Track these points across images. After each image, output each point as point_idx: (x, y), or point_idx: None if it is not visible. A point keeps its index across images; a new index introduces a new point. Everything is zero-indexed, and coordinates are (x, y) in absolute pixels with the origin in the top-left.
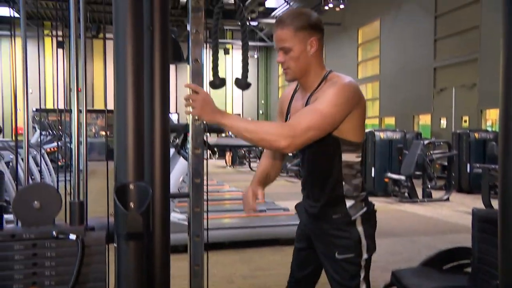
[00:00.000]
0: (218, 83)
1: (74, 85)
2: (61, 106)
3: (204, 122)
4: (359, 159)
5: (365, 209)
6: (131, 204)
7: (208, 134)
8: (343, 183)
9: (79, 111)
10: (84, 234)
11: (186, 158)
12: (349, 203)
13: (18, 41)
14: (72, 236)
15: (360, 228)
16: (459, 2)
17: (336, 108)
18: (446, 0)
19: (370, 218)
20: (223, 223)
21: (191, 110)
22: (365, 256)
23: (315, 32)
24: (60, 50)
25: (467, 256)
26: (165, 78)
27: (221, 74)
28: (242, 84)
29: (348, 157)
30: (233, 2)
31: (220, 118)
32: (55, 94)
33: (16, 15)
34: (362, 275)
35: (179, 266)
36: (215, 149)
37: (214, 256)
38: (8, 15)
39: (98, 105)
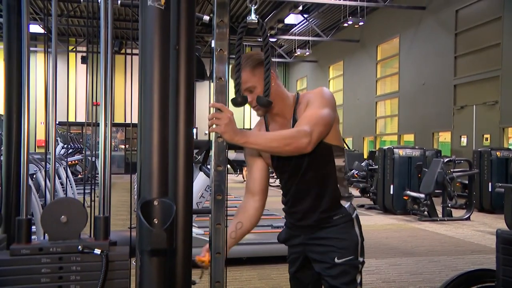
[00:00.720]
0: (240, 100)
1: (102, 99)
2: (82, 119)
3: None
4: (344, 163)
5: (356, 211)
6: (155, 221)
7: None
8: (338, 185)
9: (96, 125)
10: (108, 249)
11: (207, 175)
12: (345, 204)
13: (40, 56)
14: (97, 251)
15: (357, 230)
16: (480, 19)
17: (327, 106)
18: (467, 17)
19: (360, 222)
20: (242, 239)
21: (215, 127)
22: (361, 259)
23: (267, 65)
24: (82, 65)
25: (491, 279)
26: (190, 97)
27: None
28: (264, 102)
29: (338, 161)
30: (256, 21)
31: (242, 138)
32: (77, 108)
33: (39, 30)
34: (359, 279)
35: (198, 281)
36: (235, 165)
37: (231, 272)
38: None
39: (118, 118)
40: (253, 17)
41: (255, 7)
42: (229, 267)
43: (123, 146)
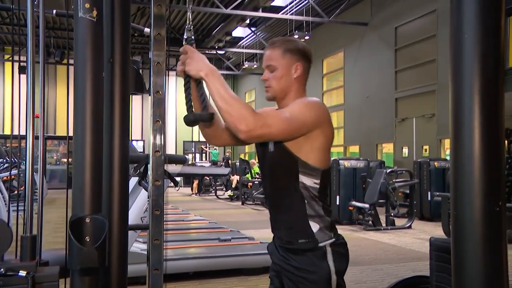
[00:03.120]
0: (192, 118)
1: (30, 110)
2: (22, 132)
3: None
4: (317, 186)
5: (333, 239)
6: (87, 238)
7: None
8: (306, 202)
9: (36, 138)
10: (36, 270)
11: (146, 189)
12: (314, 227)
13: None
14: (22, 273)
15: (331, 263)
16: (417, 36)
17: (303, 114)
18: (405, 34)
19: (341, 252)
20: (188, 253)
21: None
22: None
23: (302, 59)
24: (21, 75)
25: (426, 285)
26: (125, 109)
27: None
28: (202, 117)
29: (306, 180)
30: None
31: (205, 72)
32: (14, 120)
33: None
34: None
35: None
36: (178, 179)
37: (178, 287)
38: None
39: (61, 131)
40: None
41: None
42: (175, 282)
43: (65, 160)
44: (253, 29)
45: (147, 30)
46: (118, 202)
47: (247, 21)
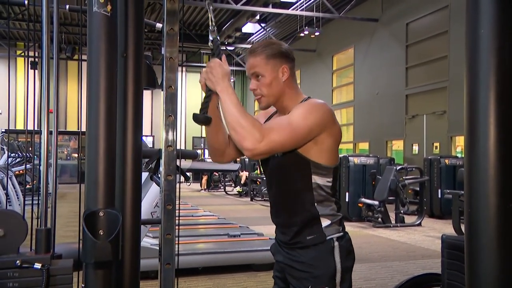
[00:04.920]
0: (202, 119)
1: (44, 106)
2: (32, 127)
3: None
4: (330, 183)
5: (341, 233)
6: (100, 232)
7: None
8: (315, 204)
9: (50, 133)
10: (50, 262)
11: (158, 184)
12: (324, 223)
13: None
14: (37, 265)
15: (337, 259)
16: (429, 32)
17: (306, 121)
18: (417, 30)
19: (348, 248)
20: (197, 248)
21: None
22: None
23: (286, 60)
24: (32, 71)
25: (437, 282)
26: (138, 105)
27: (197, 97)
28: (200, 118)
29: (319, 179)
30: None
31: (219, 87)
32: (28, 115)
33: None
34: None
35: None
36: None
37: (187, 282)
38: None
39: (72, 126)
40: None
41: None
42: (185, 277)
43: (76, 155)
44: (263, 25)
45: (159, 25)
46: (131, 196)
47: (257, 17)
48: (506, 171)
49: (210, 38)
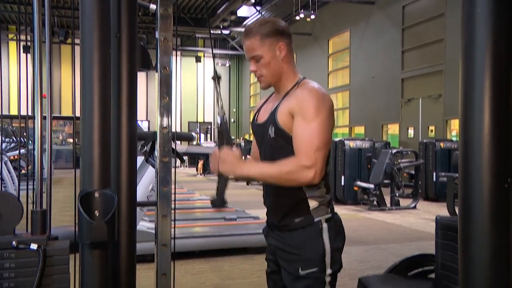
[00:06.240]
0: (219, 205)
1: (37, 90)
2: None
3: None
4: None
5: (330, 215)
6: (96, 213)
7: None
8: (303, 186)
9: (43, 118)
10: (46, 243)
11: (154, 166)
12: (312, 205)
13: None
14: (33, 246)
15: (326, 240)
16: (425, 15)
17: (320, 115)
18: (413, 13)
19: (337, 229)
20: (193, 232)
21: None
22: (329, 271)
23: (282, 37)
24: (24, 55)
25: (431, 263)
26: (132, 85)
27: (192, 82)
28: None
29: None
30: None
31: (238, 170)
32: (21, 100)
33: None
34: None
35: (147, 275)
36: (184, 157)
37: (183, 265)
38: None
39: (66, 111)
40: None
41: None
42: (181, 260)
43: (71, 140)
44: (258, 8)
45: (153, 6)
46: (126, 178)
47: (252, 0)
48: (500, 152)
49: (218, 116)
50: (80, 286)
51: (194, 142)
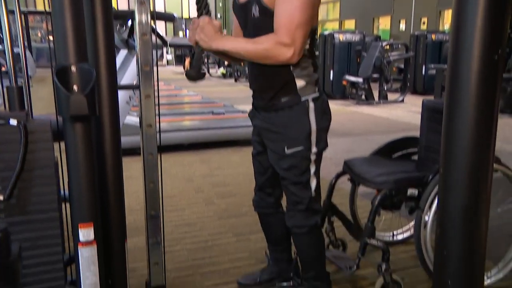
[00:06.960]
0: (194, 76)
1: None
2: None
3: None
4: (307, 46)
5: (317, 94)
6: (74, 87)
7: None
8: (292, 68)
9: (10, 12)
10: (26, 119)
11: (133, 47)
12: (299, 84)
13: None
14: (13, 121)
15: (312, 119)
16: None
17: None
18: None
19: (323, 109)
20: (182, 125)
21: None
22: (314, 149)
23: None
24: None
25: (415, 145)
26: None
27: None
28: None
29: None
30: None
31: (214, 43)
32: None
33: None
34: (313, 170)
35: (137, 167)
36: (170, 57)
37: (173, 157)
38: None
39: (40, 5)
40: None
41: None
42: (172, 152)
43: (52, 38)
44: None
45: None
46: (104, 53)
47: None
48: (493, 20)
49: None
50: (67, 164)
51: (180, 34)
